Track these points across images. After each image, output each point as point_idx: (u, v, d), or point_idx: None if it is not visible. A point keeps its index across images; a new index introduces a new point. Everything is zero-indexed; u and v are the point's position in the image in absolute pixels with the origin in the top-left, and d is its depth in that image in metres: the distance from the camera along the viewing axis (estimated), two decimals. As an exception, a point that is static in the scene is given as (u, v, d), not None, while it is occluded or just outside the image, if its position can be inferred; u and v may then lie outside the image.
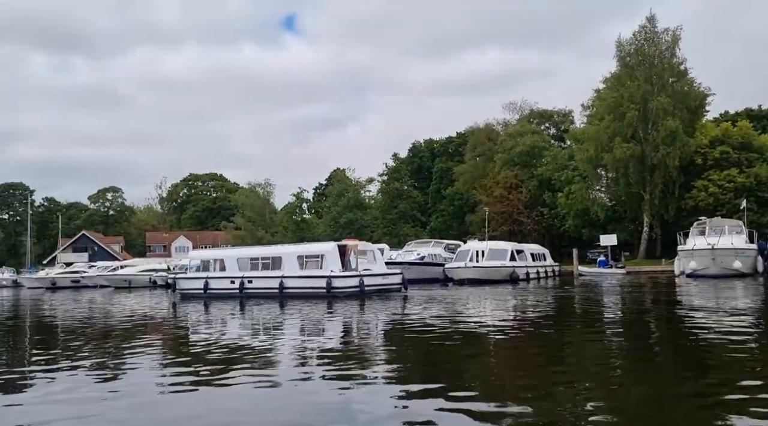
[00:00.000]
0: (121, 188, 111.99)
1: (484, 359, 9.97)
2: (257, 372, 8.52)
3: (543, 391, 6.98)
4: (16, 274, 69.25)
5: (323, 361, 9.68)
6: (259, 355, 10.30)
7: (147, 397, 7.13)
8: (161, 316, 19.42)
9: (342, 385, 7.43)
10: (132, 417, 6.22)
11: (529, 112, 69.29)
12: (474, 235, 58.47)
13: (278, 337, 12.82)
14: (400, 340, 12.40)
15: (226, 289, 27.55)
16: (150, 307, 24.25)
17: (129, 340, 13.06)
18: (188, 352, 11.21)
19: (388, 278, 26.65)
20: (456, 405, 6.31)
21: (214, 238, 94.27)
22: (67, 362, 10.05)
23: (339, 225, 70.57)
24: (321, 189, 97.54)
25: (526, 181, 59.72)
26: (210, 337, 13.09)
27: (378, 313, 18.04)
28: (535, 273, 40.13)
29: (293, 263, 26.39)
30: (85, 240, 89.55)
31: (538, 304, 20.64)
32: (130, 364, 9.68)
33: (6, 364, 10.81)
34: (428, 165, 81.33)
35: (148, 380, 8.22)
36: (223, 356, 10.21)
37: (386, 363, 9.57)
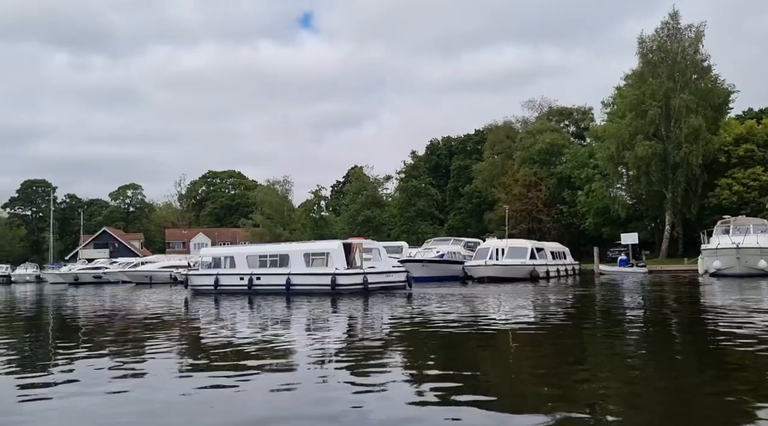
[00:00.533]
0: (141, 185, 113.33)
1: (503, 357, 9.92)
2: (269, 370, 8.54)
3: (562, 389, 6.92)
4: (39, 270, 70.26)
5: (335, 358, 9.67)
6: (270, 352, 10.27)
7: (159, 397, 7.08)
8: (176, 312, 19.62)
9: (358, 384, 7.41)
10: (146, 417, 6.24)
11: (548, 109, 68.80)
12: (492, 233, 58.24)
13: (286, 334, 12.94)
14: (418, 337, 12.39)
15: (236, 285, 28.10)
16: (168, 302, 24.56)
17: (145, 336, 13.34)
18: (200, 349, 11.29)
19: (392, 276, 26.87)
20: (472, 402, 6.27)
21: (233, 235, 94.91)
22: (86, 354, 10.42)
23: (357, 222, 70.68)
24: (338, 186, 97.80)
25: (546, 179, 59.34)
26: (220, 334, 13.24)
27: (383, 310, 18.14)
28: (555, 271, 39.88)
29: (300, 261, 26.89)
30: (106, 236, 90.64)
31: (559, 302, 20.52)
32: (146, 360, 9.89)
33: (31, 356, 11.03)
34: (446, 163, 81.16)
35: (160, 380, 8.19)
36: (235, 353, 10.29)
37: (402, 360, 9.58)
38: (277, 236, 72.16)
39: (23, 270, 69.64)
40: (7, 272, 67.65)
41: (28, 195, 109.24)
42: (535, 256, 38.56)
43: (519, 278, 35.79)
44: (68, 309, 23.49)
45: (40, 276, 65.96)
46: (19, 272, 68.38)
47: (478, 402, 6.23)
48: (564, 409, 5.99)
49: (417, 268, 39.74)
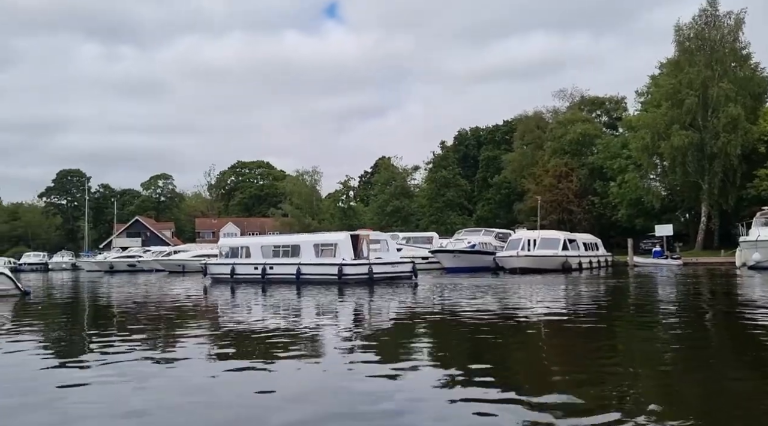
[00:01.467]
0: (171, 175, 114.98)
1: (533, 348, 9.91)
2: (295, 358, 8.68)
3: (591, 381, 6.89)
4: (74, 258, 71.86)
5: (361, 348, 9.86)
6: (285, 340, 10.53)
7: (185, 382, 7.33)
8: (202, 301, 20.29)
9: (382, 373, 7.41)
10: (180, 399, 6.45)
11: (579, 99, 67.83)
12: (522, 223, 57.85)
13: (304, 322, 13.31)
14: (448, 327, 12.44)
15: (250, 274, 29.24)
16: (197, 290, 25.19)
17: (174, 322, 14.03)
18: (230, 335, 11.53)
19: (397, 267, 27.58)
20: (501, 392, 6.30)
21: (261, 225, 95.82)
22: (122, 338, 10.90)
23: (386, 213, 70.80)
24: (366, 177, 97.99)
25: (577, 169, 58.65)
26: (243, 321, 13.68)
27: (407, 299, 18.61)
28: (587, 263, 39.50)
29: (310, 251, 27.91)
30: (138, 225, 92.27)
31: (592, 293, 20.40)
32: (177, 346, 10.27)
33: (71, 341, 11.42)
34: (474, 153, 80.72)
35: (189, 367, 8.42)
36: (257, 340, 10.60)
37: (429, 351, 9.63)
38: (306, 226, 72.70)
39: (60, 258, 71.23)
40: (44, 260, 69.26)
41: (64, 185, 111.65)
42: (567, 247, 38.24)
43: (551, 269, 35.56)
44: (106, 296, 24.19)
45: (76, 264, 67.45)
46: (55, 260, 70.00)
47: (505, 393, 6.22)
48: (596, 401, 5.95)
49: (448, 258, 39.81)
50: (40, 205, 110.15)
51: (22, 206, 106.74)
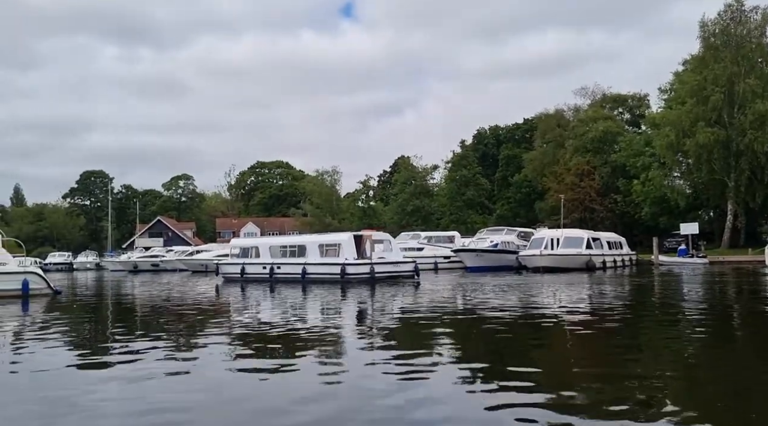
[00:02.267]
0: (192, 176, 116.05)
1: (556, 346, 9.89)
2: (314, 356, 8.80)
3: (615, 380, 6.83)
4: (98, 258, 72.84)
5: (384, 346, 9.90)
6: (302, 339, 10.69)
7: (211, 379, 7.43)
8: (220, 300, 20.73)
9: (401, 372, 7.42)
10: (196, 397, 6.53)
11: (601, 96, 67.18)
12: (543, 222, 57.53)
13: (317, 321, 13.52)
14: (471, 326, 12.43)
15: (259, 274, 30.13)
16: (230, 290, 25.30)
17: (192, 321, 14.36)
18: (242, 335, 11.56)
19: (399, 266, 28.24)
20: (521, 391, 6.27)
21: (281, 225, 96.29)
22: (144, 339, 11.06)
23: (406, 212, 70.77)
24: (385, 176, 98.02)
25: (599, 167, 58.10)
26: (255, 320, 13.92)
27: (390, 299, 18.89)
28: (612, 261, 39.19)
29: (315, 251, 28.72)
30: (160, 225, 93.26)
31: (617, 292, 20.26)
32: (196, 345, 10.47)
33: (97, 339, 11.60)
34: (493, 152, 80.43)
35: (209, 363, 8.57)
36: (270, 339, 10.80)
37: (451, 350, 9.64)
38: (326, 225, 72.90)
39: (84, 258, 72.23)
40: (69, 260, 70.25)
41: (87, 185, 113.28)
42: (591, 245, 37.98)
43: (575, 268, 35.36)
44: (133, 295, 24.52)
45: (100, 264, 68.36)
46: (80, 260, 70.98)
47: (528, 393, 6.18)
48: (620, 398, 5.90)
49: (471, 257, 39.75)
50: (64, 206, 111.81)
51: (47, 207, 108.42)
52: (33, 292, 21.01)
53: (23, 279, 20.98)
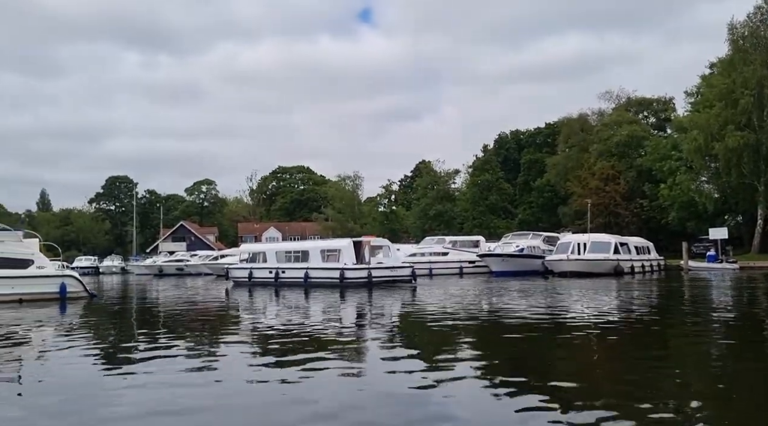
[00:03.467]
0: (214, 181, 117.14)
1: (581, 353, 9.80)
2: (332, 359, 8.83)
3: (642, 387, 6.76)
4: (123, 262, 73.82)
5: (405, 349, 9.92)
6: (315, 342, 10.87)
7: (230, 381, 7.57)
8: (245, 304, 21.10)
9: (423, 378, 7.43)
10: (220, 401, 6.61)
11: (626, 100, 66.56)
12: (567, 227, 57.02)
13: (323, 323, 13.93)
14: (494, 331, 12.39)
15: (265, 278, 31.16)
16: (240, 294, 25.81)
17: (216, 324, 14.94)
18: (262, 339, 11.78)
19: (397, 271, 29.07)
20: (548, 397, 6.24)
21: (302, 229, 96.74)
22: (173, 341, 11.39)
23: (428, 217, 70.65)
24: (406, 181, 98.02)
25: (624, 172, 57.51)
26: (267, 324, 14.20)
27: (390, 302, 19.51)
28: (640, 267, 38.83)
29: (317, 257, 29.73)
30: (183, 230, 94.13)
31: (645, 298, 20.10)
32: (219, 346, 10.75)
33: (129, 342, 11.82)
34: (514, 156, 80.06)
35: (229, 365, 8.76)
36: (275, 342, 10.99)
37: (473, 354, 9.64)
38: (348, 230, 73.08)
39: (110, 262, 73.31)
40: (96, 264, 71.27)
41: (112, 190, 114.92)
42: (618, 250, 37.67)
43: (602, 273, 35.09)
44: (162, 299, 24.92)
45: (125, 267, 69.28)
46: (106, 264, 72.04)
47: (551, 402, 6.14)
48: (646, 410, 5.81)
49: (496, 262, 39.60)
50: (89, 211, 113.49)
51: (73, 212, 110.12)
52: (70, 295, 21.40)
53: (61, 282, 21.39)
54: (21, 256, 20.97)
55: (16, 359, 9.77)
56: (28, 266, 21.00)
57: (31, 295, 20.48)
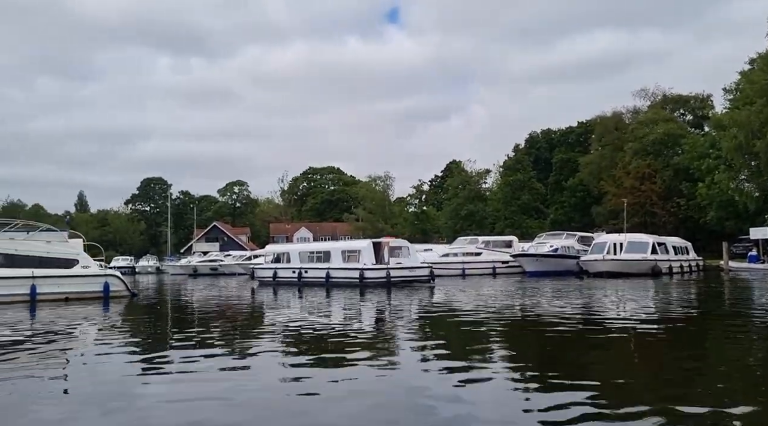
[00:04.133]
0: (246, 182, 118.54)
1: (618, 353, 9.65)
2: (365, 360, 8.86)
3: (679, 388, 6.65)
4: (158, 262, 75.22)
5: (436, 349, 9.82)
6: (341, 340, 11.03)
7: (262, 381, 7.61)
8: (275, 303, 21.38)
9: (453, 378, 7.44)
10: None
11: (661, 98, 65.31)
12: (601, 227, 56.19)
13: (347, 322, 14.20)
14: (528, 331, 12.30)
15: (289, 277, 32.04)
16: (276, 294, 25.94)
17: (248, 322, 15.19)
18: (293, 338, 11.79)
19: (415, 271, 29.74)
20: (581, 398, 6.16)
21: (333, 229, 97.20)
22: (210, 340, 11.60)
23: (460, 217, 70.38)
24: (437, 181, 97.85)
25: (660, 170, 56.44)
26: (292, 322, 14.23)
27: (409, 302, 19.67)
28: (678, 267, 38.14)
29: (339, 257, 30.52)
30: (216, 231, 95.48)
31: (684, 299, 19.73)
32: (252, 347, 10.64)
33: (168, 339, 12.05)
34: (545, 156, 79.30)
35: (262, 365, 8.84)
36: (315, 341, 11.10)
37: (507, 354, 9.62)
38: (379, 230, 73.22)
39: (146, 262, 74.78)
40: (132, 264, 72.73)
41: (147, 192, 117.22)
42: (656, 250, 37.05)
43: (639, 274, 34.56)
44: (199, 298, 25.35)
45: (160, 267, 70.56)
46: (142, 264, 73.49)
47: (583, 405, 6.04)
48: (684, 408, 5.74)
49: (530, 262, 39.32)
50: (125, 212, 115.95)
51: (110, 213, 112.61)
52: (113, 293, 21.92)
53: (104, 281, 21.93)
54: (67, 255, 21.58)
55: (64, 356, 10.08)
56: (73, 266, 21.60)
57: (77, 294, 21.04)
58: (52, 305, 19.12)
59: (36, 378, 7.93)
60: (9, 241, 21.01)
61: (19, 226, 22.55)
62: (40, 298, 20.19)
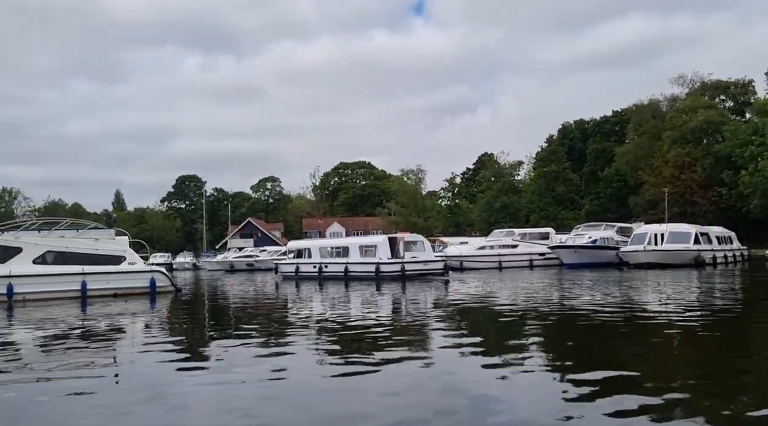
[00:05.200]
0: (279, 178, 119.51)
1: (657, 345, 9.44)
2: (400, 355, 8.77)
3: (718, 383, 6.48)
4: (194, 258, 76.41)
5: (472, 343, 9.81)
6: (371, 334, 10.98)
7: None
8: (298, 296, 21.74)
9: (496, 374, 7.30)
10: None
11: (700, 84, 63.65)
12: (638, 217, 55.18)
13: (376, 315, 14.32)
14: (566, 322, 12.11)
15: (310, 272, 33.06)
16: (310, 289, 25.87)
17: (286, 317, 15.10)
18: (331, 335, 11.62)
19: (429, 265, 30.45)
20: (621, 391, 6.06)
21: (365, 224, 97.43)
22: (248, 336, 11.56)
23: (494, 209, 69.84)
24: (468, 174, 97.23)
25: (701, 159, 55.10)
26: (328, 318, 14.18)
27: (425, 294, 20.13)
28: (722, 257, 37.30)
29: (356, 252, 31.53)
30: (250, 226, 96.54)
31: (728, 290, 19.29)
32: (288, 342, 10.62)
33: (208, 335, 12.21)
34: (579, 146, 78.12)
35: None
36: (347, 335, 11.05)
37: (542, 346, 9.50)
38: (412, 224, 73.14)
39: (182, 258, 75.97)
40: (169, 260, 74.02)
41: (182, 189, 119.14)
42: (699, 240, 36.28)
43: (681, 264, 33.88)
44: (238, 294, 25.69)
45: (196, 264, 71.65)
46: (179, 260, 74.65)
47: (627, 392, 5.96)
48: (724, 405, 5.57)
49: (569, 254, 38.88)
50: (161, 209, 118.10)
51: (147, 211, 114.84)
52: (159, 289, 22.36)
53: (151, 277, 22.37)
54: (114, 252, 22.08)
55: (114, 349, 10.48)
56: (120, 262, 22.09)
57: (125, 290, 21.51)
58: (101, 301, 19.60)
59: (89, 368, 8.32)
60: (60, 239, 21.61)
61: (68, 225, 23.16)
62: (90, 293, 20.70)
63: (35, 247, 20.75)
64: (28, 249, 20.60)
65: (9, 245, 20.47)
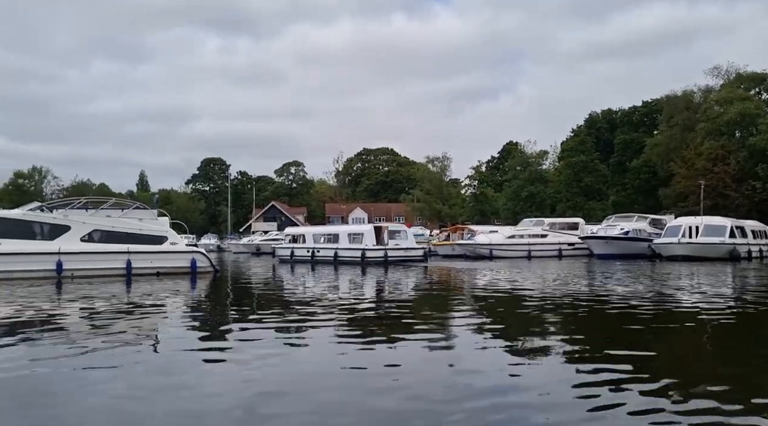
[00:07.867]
0: (303, 163, 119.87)
1: (683, 339, 9.32)
2: (419, 338, 8.88)
3: (743, 379, 6.38)
4: (219, 241, 77.17)
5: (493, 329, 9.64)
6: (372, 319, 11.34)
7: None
8: (306, 281, 21.66)
9: (513, 361, 7.33)
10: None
11: (735, 76, 62.34)
12: (670, 209, 54.49)
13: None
14: (596, 315, 12.01)
15: (304, 256, 35.67)
16: (331, 274, 25.79)
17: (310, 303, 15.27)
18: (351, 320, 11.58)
19: (410, 252, 33.50)
20: (642, 384, 5.99)
21: (387, 210, 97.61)
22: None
23: (520, 199, 69.38)
24: (493, 162, 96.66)
25: (735, 152, 54.12)
26: (339, 304, 14.04)
27: (406, 278, 20.92)
28: (757, 251, 36.78)
29: (345, 239, 33.93)
30: (274, 210, 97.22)
31: (764, 285, 18.93)
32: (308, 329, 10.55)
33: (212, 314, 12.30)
34: (606, 137, 77.12)
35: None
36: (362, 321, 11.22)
37: (568, 336, 9.38)
38: (437, 212, 73.11)
39: (207, 240, 76.78)
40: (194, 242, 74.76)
41: (207, 172, 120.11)
42: (734, 234, 35.75)
43: (716, 258, 33.48)
44: (263, 274, 26.06)
45: (221, 246, 72.37)
46: (204, 242, 75.37)
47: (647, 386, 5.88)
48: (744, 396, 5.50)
49: (599, 244, 38.59)
50: (186, 191, 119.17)
51: (172, 192, 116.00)
52: (199, 269, 22.70)
53: (192, 258, 22.72)
54: (157, 233, 22.41)
55: (157, 328, 10.73)
56: (163, 242, 22.42)
57: (167, 269, 21.86)
58: (146, 280, 19.93)
59: (132, 346, 8.47)
60: (107, 218, 21.97)
61: (113, 204, 23.54)
62: (135, 271, 21.06)
63: (83, 226, 21.13)
64: (76, 227, 20.99)
65: (58, 223, 20.86)
